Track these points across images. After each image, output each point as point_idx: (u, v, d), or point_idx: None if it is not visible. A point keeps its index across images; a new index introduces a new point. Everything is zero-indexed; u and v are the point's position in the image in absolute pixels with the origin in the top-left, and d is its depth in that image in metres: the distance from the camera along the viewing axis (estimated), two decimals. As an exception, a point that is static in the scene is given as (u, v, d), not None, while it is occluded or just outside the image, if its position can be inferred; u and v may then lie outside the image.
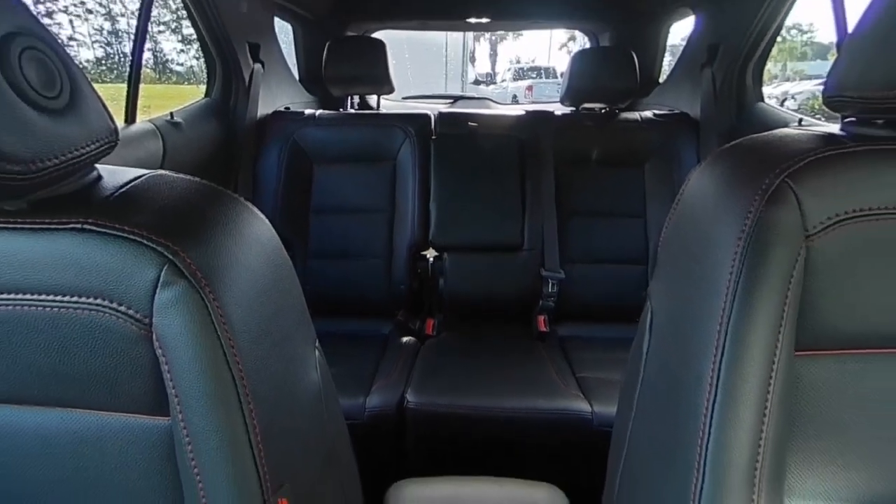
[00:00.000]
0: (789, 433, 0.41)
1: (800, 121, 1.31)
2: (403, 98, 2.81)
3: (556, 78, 10.09)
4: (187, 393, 0.36)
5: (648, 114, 1.65)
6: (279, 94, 1.81)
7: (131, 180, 0.40)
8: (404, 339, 1.43)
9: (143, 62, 1.28)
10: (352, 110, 1.93)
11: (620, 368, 0.63)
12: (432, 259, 1.63)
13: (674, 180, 1.52)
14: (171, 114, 1.37)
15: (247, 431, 0.38)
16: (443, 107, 2.43)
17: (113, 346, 0.36)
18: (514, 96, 9.63)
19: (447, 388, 1.16)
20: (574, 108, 1.68)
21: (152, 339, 0.36)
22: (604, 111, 1.66)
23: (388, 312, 1.56)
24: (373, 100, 1.97)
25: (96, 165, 0.41)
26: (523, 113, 1.69)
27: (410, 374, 1.22)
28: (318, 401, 0.52)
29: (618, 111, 1.66)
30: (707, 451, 0.39)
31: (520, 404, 1.11)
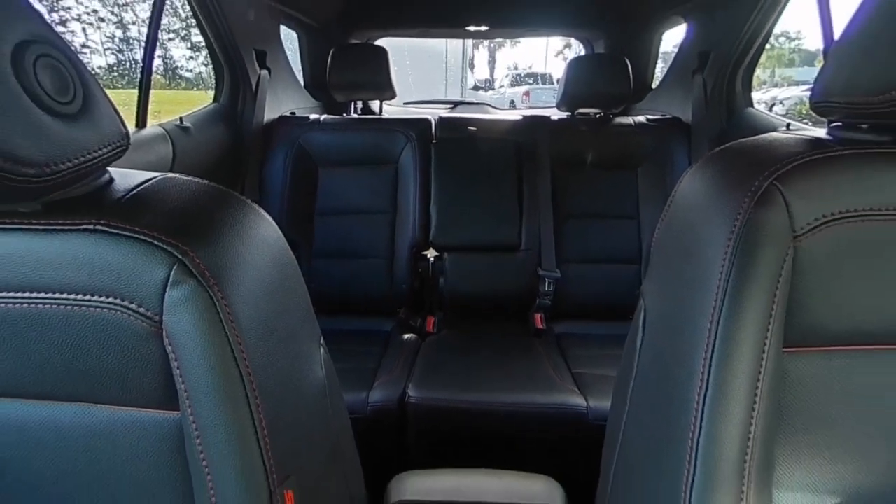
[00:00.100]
0: (778, 427, 0.41)
1: (788, 125, 1.31)
2: (405, 103, 2.81)
3: (552, 84, 10.09)
4: (196, 388, 0.36)
5: (642, 118, 1.65)
6: (285, 100, 1.81)
7: (142, 183, 0.40)
8: (406, 336, 1.43)
9: (154, 69, 1.28)
10: (355, 115, 1.93)
11: (614, 364, 0.63)
12: (433, 259, 1.63)
13: (666, 183, 1.52)
14: (181, 118, 1.37)
15: (253, 425, 0.38)
16: (443, 112, 2.42)
17: (124, 343, 0.37)
18: (512, 101, 9.63)
19: (447, 383, 1.16)
20: (570, 113, 1.68)
21: (162, 336, 0.36)
22: (598, 116, 1.66)
23: (390, 310, 1.56)
24: (375, 105, 1.97)
25: (108, 168, 0.41)
26: (521, 118, 1.68)
27: (412, 370, 1.22)
28: (322, 396, 0.52)
29: (612, 116, 1.66)
30: (698, 445, 0.39)
31: (517, 399, 1.11)
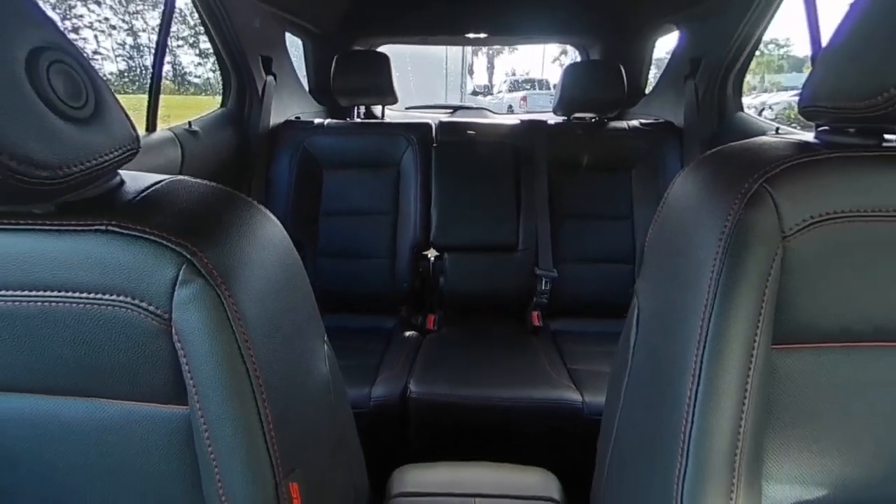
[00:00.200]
0: (767, 421, 0.41)
1: (777, 129, 1.31)
2: (406, 108, 2.81)
3: (548, 89, 10.07)
4: (204, 383, 0.36)
5: (635, 123, 1.65)
6: (290, 105, 1.81)
7: (152, 185, 0.40)
8: (407, 333, 1.43)
9: (163, 74, 1.28)
10: (358, 119, 1.93)
11: (609, 361, 0.63)
12: (433, 259, 1.62)
13: (659, 185, 1.52)
14: (189, 123, 1.37)
15: (260, 420, 0.38)
16: (443, 116, 2.42)
17: (135, 340, 0.37)
18: (510, 106, 9.62)
19: (447, 379, 1.16)
20: (566, 118, 1.68)
21: (172, 333, 0.36)
22: (594, 120, 1.66)
23: (392, 309, 1.56)
24: (378, 109, 1.97)
25: (119, 171, 0.41)
26: (518, 122, 1.68)
27: (413, 366, 1.22)
28: (326, 391, 0.52)
29: (607, 120, 1.66)
30: (690, 438, 0.39)
31: (515, 394, 1.11)
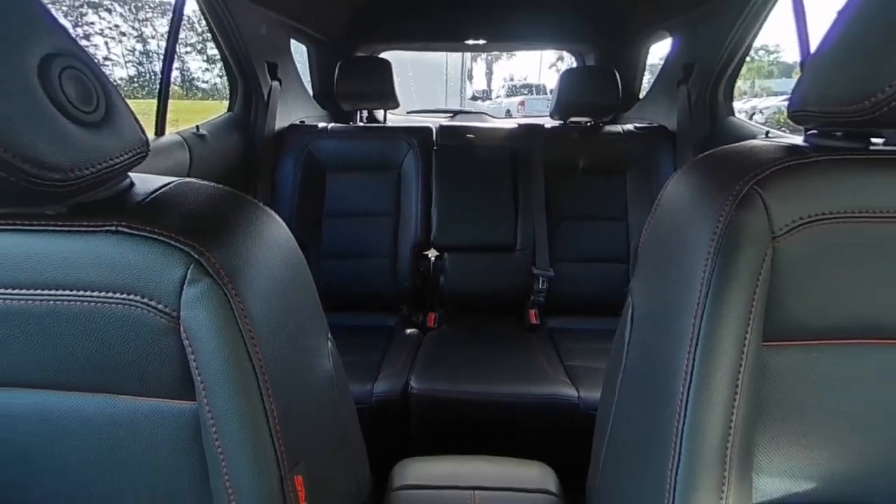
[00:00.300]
0: (757, 417, 0.41)
1: (767, 133, 1.31)
2: (408, 112, 2.81)
3: (545, 94, 10.07)
4: (212, 380, 0.36)
5: (630, 127, 1.65)
6: (295, 109, 1.81)
7: (161, 187, 0.40)
8: (408, 331, 1.43)
9: (172, 80, 1.28)
10: (361, 123, 1.93)
11: (604, 357, 0.63)
12: (434, 258, 1.62)
13: (652, 187, 1.52)
14: (197, 127, 1.37)
15: (265, 415, 0.38)
16: (443, 120, 2.42)
17: (144, 338, 0.37)
18: (508, 111, 9.62)
19: (447, 375, 1.16)
20: (562, 122, 1.68)
21: (180, 331, 0.36)
22: (589, 124, 1.66)
23: (393, 307, 1.56)
24: (380, 114, 1.97)
25: (129, 173, 0.41)
26: (516, 126, 1.68)
27: (414, 363, 1.22)
28: (330, 387, 0.52)
29: (602, 124, 1.66)
30: (683, 433, 0.39)
31: (513, 390, 1.11)
